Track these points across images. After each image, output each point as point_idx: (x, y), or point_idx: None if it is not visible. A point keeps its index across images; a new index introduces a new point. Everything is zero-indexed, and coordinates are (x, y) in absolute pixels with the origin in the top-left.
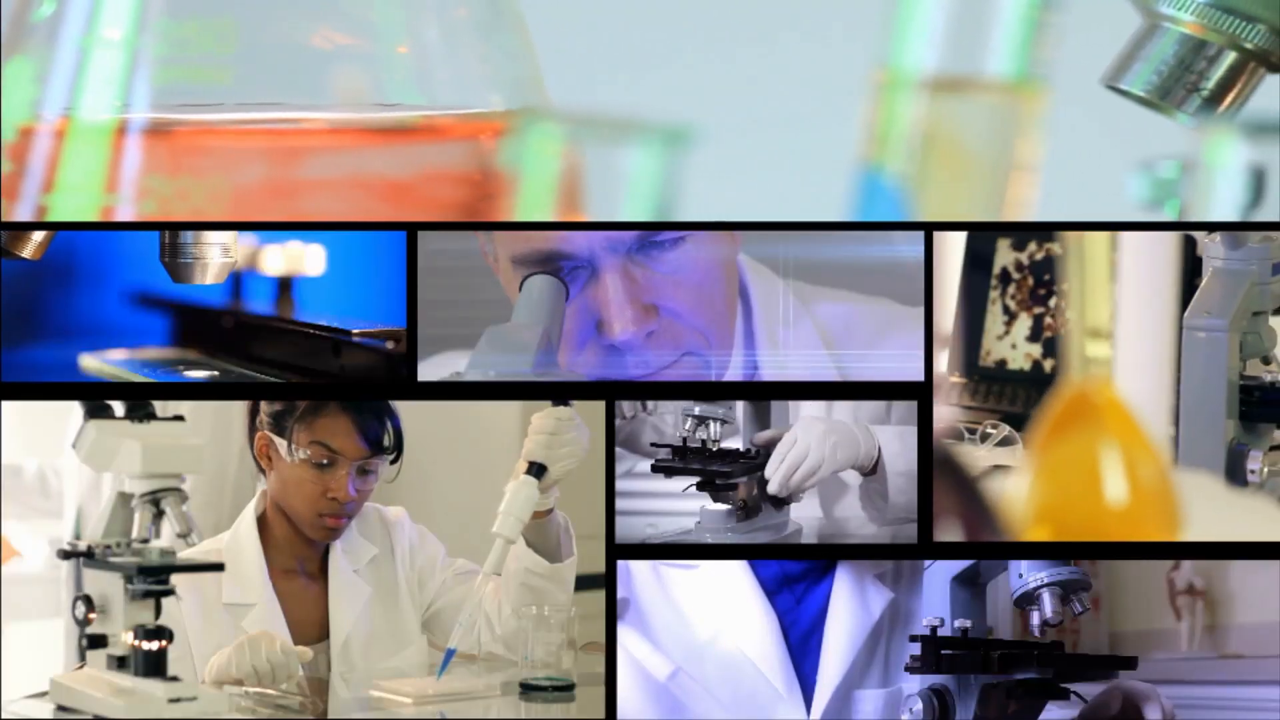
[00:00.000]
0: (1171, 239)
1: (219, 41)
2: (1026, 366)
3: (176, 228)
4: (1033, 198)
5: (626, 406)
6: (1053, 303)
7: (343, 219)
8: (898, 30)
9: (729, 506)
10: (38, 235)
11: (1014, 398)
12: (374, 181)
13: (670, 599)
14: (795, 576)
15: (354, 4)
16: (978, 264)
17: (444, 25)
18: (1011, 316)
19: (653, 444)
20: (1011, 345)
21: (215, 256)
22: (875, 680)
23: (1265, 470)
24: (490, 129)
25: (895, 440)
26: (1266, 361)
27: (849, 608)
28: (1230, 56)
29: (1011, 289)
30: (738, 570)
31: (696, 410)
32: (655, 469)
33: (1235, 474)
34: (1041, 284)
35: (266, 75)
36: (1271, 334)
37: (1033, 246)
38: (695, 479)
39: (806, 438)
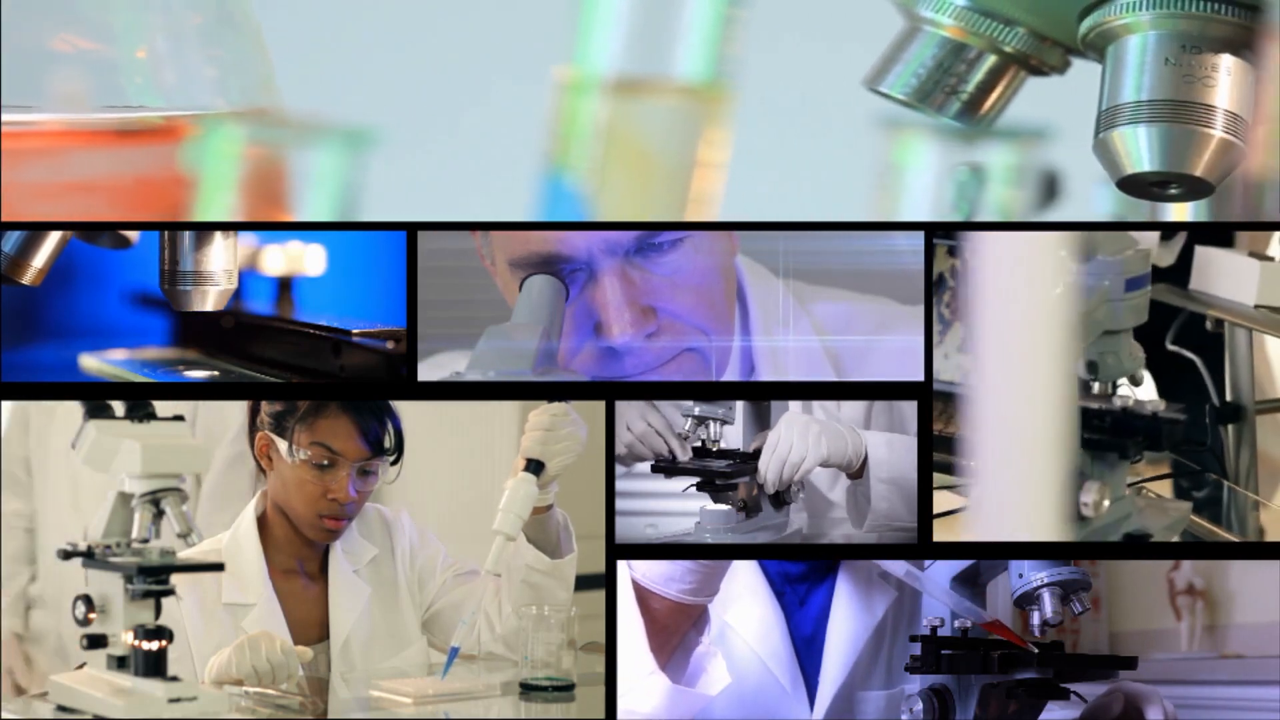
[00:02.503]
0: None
1: None
2: (956, 378)
3: (176, 228)
4: (717, 194)
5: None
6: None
7: (65, 220)
8: (582, 31)
9: (729, 507)
10: (37, 263)
11: (942, 414)
12: (103, 184)
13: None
14: (799, 576)
15: (94, 8)
16: None
17: (178, 30)
18: (946, 325)
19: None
20: (944, 355)
21: (216, 284)
22: (879, 680)
23: (1100, 503)
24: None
25: (883, 447)
26: (1136, 383)
27: (852, 607)
28: (990, 60)
29: (947, 296)
30: (748, 567)
31: (696, 410)
32: (655, 469)
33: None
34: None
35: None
36: (1135, 354)
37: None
38: (695, 479)
39: (789, 434)
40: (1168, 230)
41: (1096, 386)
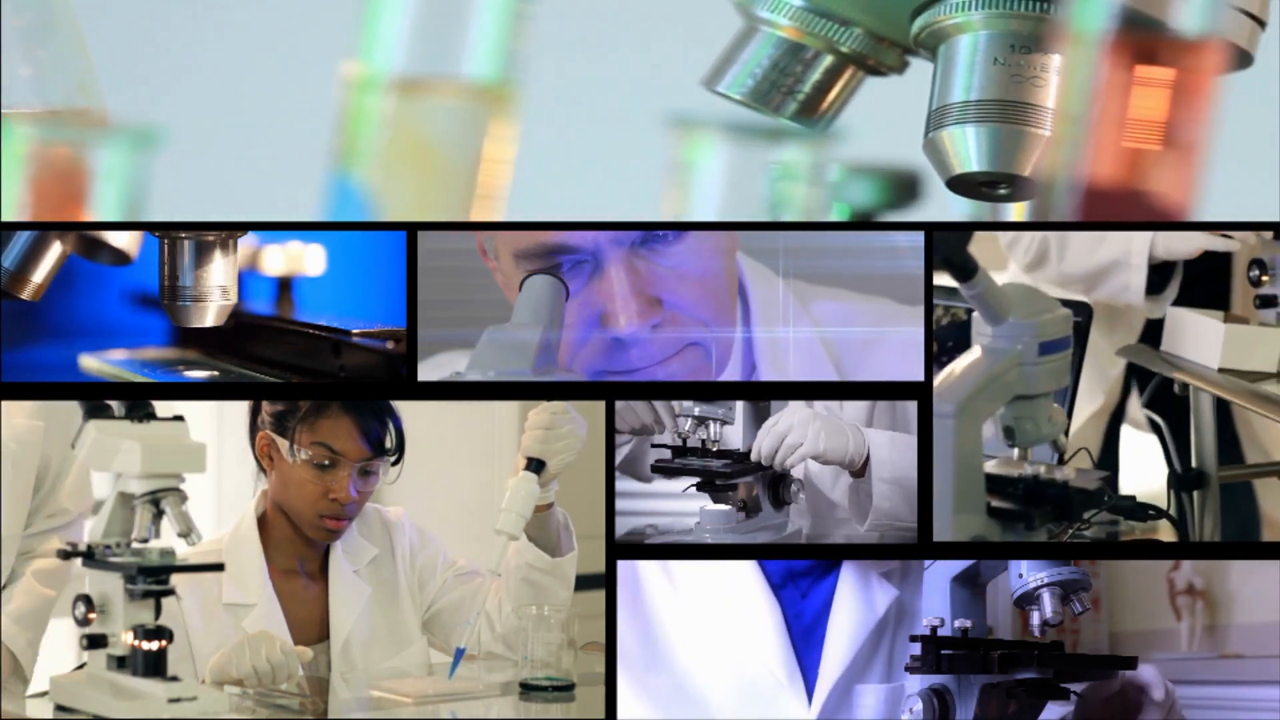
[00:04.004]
0: None
1: None
2: None
3: (175, 227)
4: (504, 190)
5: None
6: None
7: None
8: (368, 28)
9: (729, 507)
10: (36, 278)
11: None
12: None
13: (678, 588)
14: (801, 571)
15: None
16: None
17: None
18: None
19: (653, 444)
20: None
21: (215, 299)
22: (878, 676)
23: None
24: None
25: (885, 446)
26: (1059, 450)
27: (853, 603)
28: (827, 60)
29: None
30: (745, 563)
31: (696, 411)
32: (655, 469)
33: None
34: None
35: None
36: (1055, 419)
37: None
38: (695, 479)
39: (790, 418)
40: (1158, 278)
41: (1017, 452)
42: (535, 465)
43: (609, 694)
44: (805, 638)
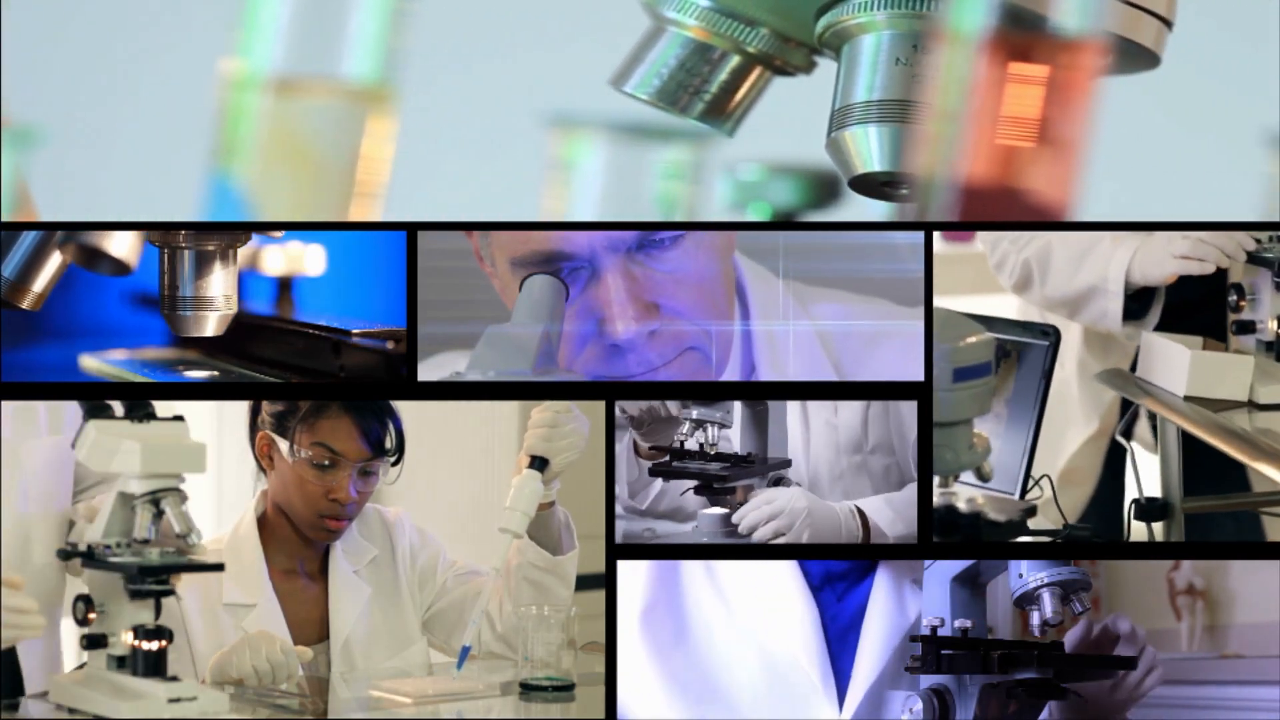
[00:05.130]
0: None
1: None
2: None
3: (175, 227)
4: (382, 189)
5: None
6: None
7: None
8: (247, 27)
9: (725, 510)
10: (36, 287)
11: None
12: None
13: (719, 586)
14: (839, 574)
15: None
16: None
17: None
18: None
19: (651, 448)
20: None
21: (215, 309)
22: (909, 681)
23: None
24: None
25: (885, 509)
26: (983, 478)
27: (887, 608)
28: (733, 60)
29: None
30: (786, 564)
31: (694, 414)
32: (653, 473)
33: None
34: None
35: None
36: (976, 446)
37: None
38: (693, 482)
39: (785, 501)
40: (1137, 305)
41: (937, 480)
42: (539, 463)
43: (609, 694)
44: (840, 641)
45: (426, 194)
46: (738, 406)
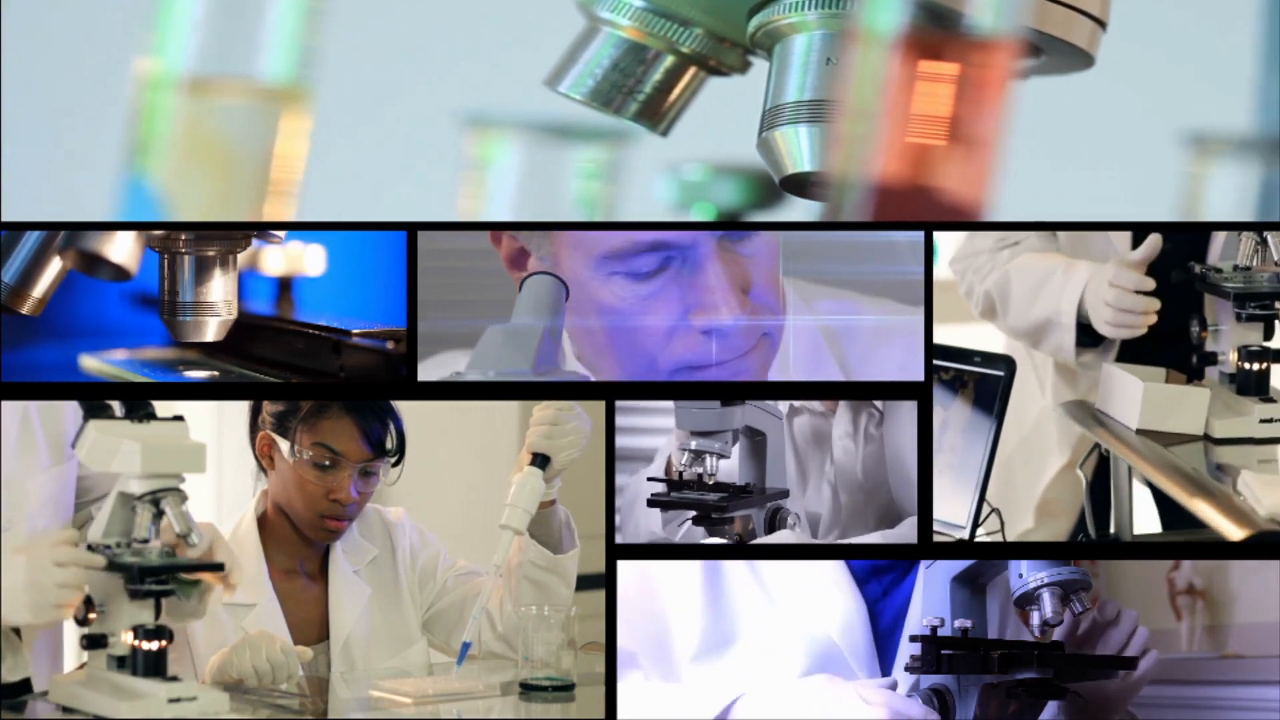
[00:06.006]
0: None
1: None
2: None
3: (174, 227)
4: (296, 188)
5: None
6: None
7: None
8: (161, 27)
9: (724, 540)
10: (36, 293)
11: None
12: None
13: (762, 583)
14: (885, 569)
15: None
16: None
17: None
18: None
19: (649, 478)
20: None
21: (215, 314)
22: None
23: None
24: None
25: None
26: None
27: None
28: (668, 60)
29: None
30: (833, 561)
31: (693, 444)
32: (651, 504)
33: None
34: None
35: None
36: None
37: None
38: (691, 512)
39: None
40: (1089, 337)
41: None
42: (540, 461)
43: (609, 694)
44: (885, 636)
45: (343, 193)
46: (733, 435)
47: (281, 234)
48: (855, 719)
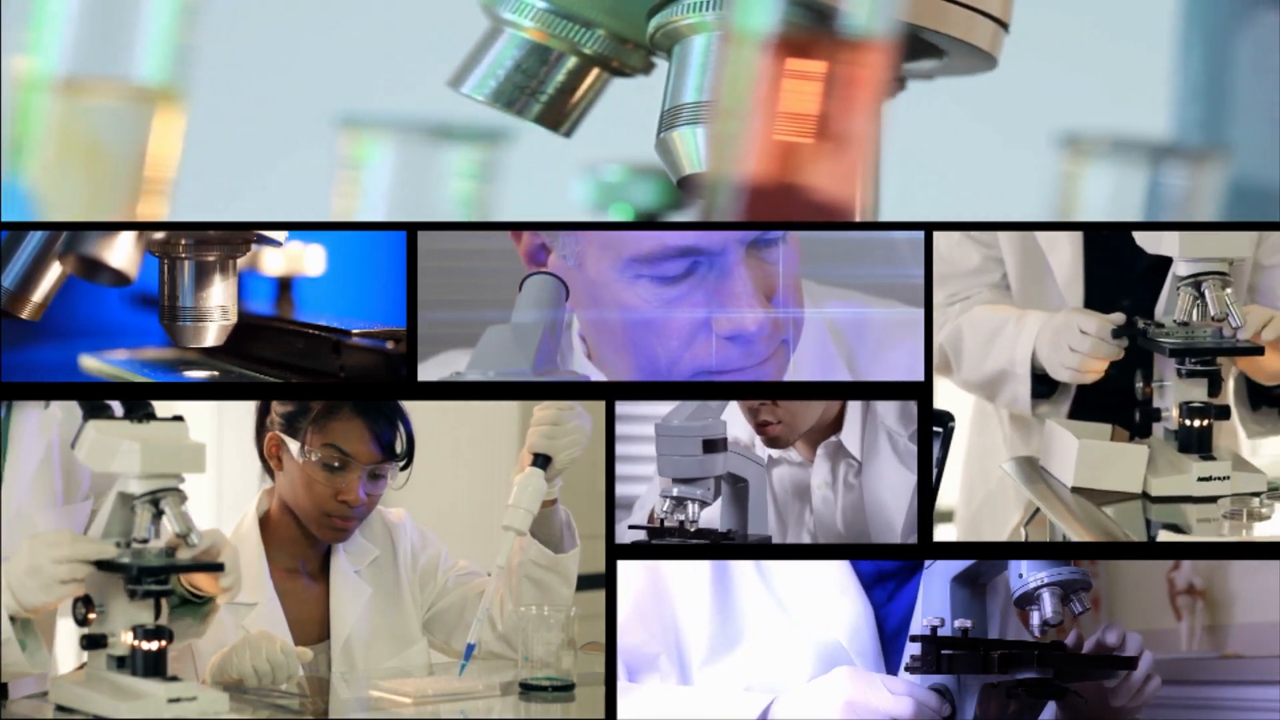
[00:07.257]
0: None
1: None
2: None
3: (174, 227)
4: (169, 188)
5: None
6: None
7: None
8: (35, 26)
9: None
10: (36, 297)
11: None
12: None
13: (770, 587)
14: (890, 573)
15: None
16: None
17: None
18: None
19: (630, 526)
20: None
21: (215, 319)
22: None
23: None
24: None
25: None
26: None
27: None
28: (570, 61)
29: None
30: (840, 564)
31: (675, 491)
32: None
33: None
34: None
35: None
36: None
37: None
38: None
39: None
40: (1045, 387)
41: None
42: (541, 461)
43: (609, 694)
44: (891, 640)
45: (218, 192)
46: (715, 482)
47: (282, 235)
48: (885, 706)
